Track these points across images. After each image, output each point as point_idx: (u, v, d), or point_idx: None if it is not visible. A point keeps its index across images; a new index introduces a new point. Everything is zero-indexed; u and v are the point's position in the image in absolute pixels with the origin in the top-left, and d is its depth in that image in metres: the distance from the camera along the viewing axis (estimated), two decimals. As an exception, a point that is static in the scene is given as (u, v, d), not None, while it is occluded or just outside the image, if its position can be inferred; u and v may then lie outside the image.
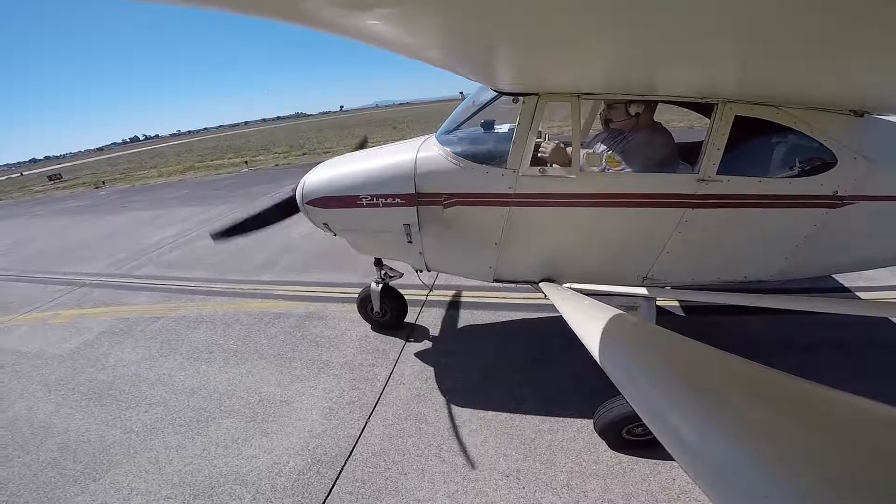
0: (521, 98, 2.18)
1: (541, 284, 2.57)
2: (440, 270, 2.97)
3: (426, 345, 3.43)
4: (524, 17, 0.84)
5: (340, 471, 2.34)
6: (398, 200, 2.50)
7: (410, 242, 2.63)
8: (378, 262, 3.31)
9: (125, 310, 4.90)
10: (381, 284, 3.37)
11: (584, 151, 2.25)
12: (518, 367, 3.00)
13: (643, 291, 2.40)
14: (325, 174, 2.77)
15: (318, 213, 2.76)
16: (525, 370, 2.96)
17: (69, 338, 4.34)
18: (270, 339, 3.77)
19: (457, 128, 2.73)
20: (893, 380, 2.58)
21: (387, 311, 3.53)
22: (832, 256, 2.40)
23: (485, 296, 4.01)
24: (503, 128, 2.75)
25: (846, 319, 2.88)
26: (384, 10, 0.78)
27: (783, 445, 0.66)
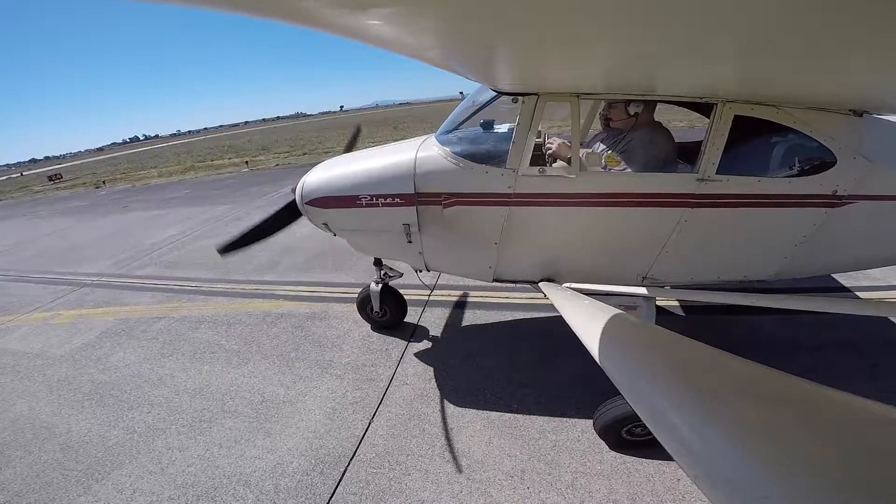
0: (521, 98, 2.18)
1: (540, 284, 2.57)
2: (440, 270, 2.97)
3: (429, 345, 3.43)
4: (523, 18, 0.84)
5: (344, 471, 2.34)
6: (398, 200, 2.51)
7: (410, 242, 2.64)
8: (378, 262, 3.32)
9: (127, 310, 4.91)
10: (381, 284, 3.38)
11: (584, 151, 2.24)
12: (521, 367, 3.00)
13: (643, 291, 2.40)
14: (325, 174, 2.77)
15: (318, 214, 2.76)
16: (528, 370, 2.96)
17: (71, 338, 4.35)
18: (273, 340, 3.78)
19: (456, 128, 2.73)
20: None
21: (386, 312, 3.54)
22: (832, 256, 2.40)
23: (488, 296, 4.01)
24: (503, 128, 2.74)
25: (847, 319, 2.88)
26: (384, 10, 0.78)
27: (782, 445, 0.66)
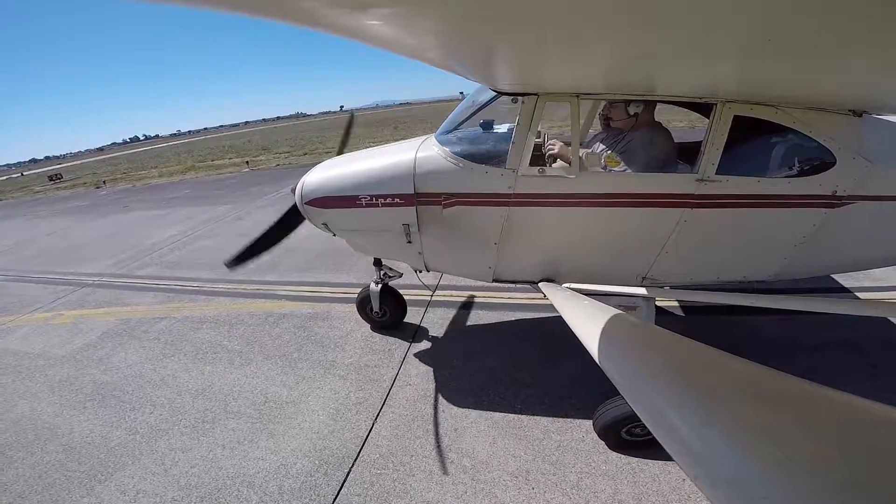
0: (521, 98, 2.19)
1: (540, 284, 2.57)
2: (439, 270, 2.97)
3: (432, 345, 3.43)
4: (523, 18, 0.84)
5: (348, 472, 2.34)
6: (397, 200, 2.51)
7: (409, 242, 2.64)
8: (377, 262, 3.32)
9: (128, 310, 4.91)
10: (381, 284, 3.38)
11: (584, 151, 2.24)
12: (525, 368, 2.99)
13: (642, 291, 2.40)
14: (325, 174, 2.77)
15: (318, 214, 2.77)
16: (532, 370, 2.96)
17: (72, 338, 4.36)
18: (275, 340, 3.78)
19: (456, 128, 2.73)
20: None
21: (386, 312, 3.54)
22: (831, 256, 2.40)
23: (490, 296, 4.00)
24: (502, 128, 2.75)
25: (847, 319, 2.88)
26: (384, 10, 0.79)
27: (782, 445, 0.66)
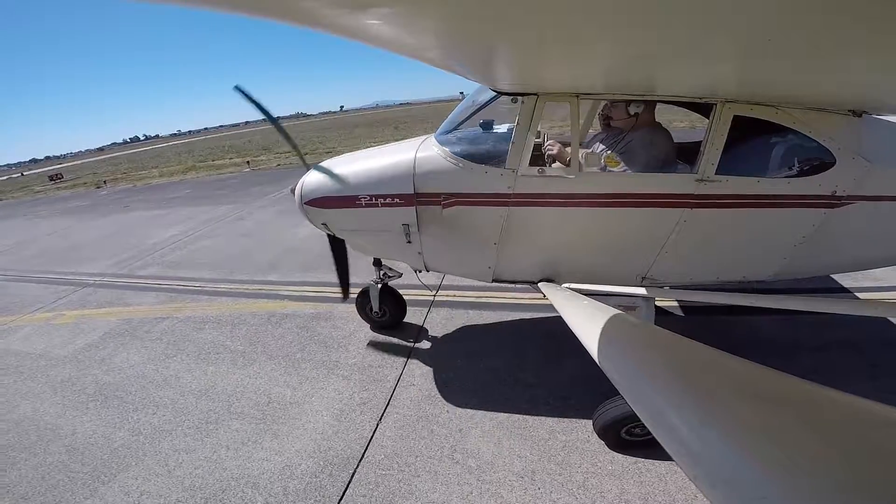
0: (521, 98, 2.19)
1: (540, 284, 2.57)
2: (439, 270, 2.97)
3: (435, 345, 3.43)
4: (523, 18, 0.84)
5: (353, 473, 2.33)
6: (397, 200, 2.51)
7: (409, 242, 2.64)
8: (377, 262, 3.32)
9: (130, 310, 4.92)
10: (380, 284, 3.38)
11: (583, 151, 2.24)
12: (529, 368, 2.98)
13: (642, 291, 2.40)
14: (324, 174, 2.77)
15: (318, 214, 2.77)
16: (537, 370, 2.95)
17: (74, 338, 4.36)
18: (278, 340, 3.77)
19: (456, 128, 2.73)
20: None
21: (385, 312, 3.54)
22: (831, 256, 2.40)
23: (493, 296, 3.99)
24: (502, 128, 2.75)
25: (847, 319, 2.87)
26: (384, 10, 0.79)
27: (782, 446, 0.66)
